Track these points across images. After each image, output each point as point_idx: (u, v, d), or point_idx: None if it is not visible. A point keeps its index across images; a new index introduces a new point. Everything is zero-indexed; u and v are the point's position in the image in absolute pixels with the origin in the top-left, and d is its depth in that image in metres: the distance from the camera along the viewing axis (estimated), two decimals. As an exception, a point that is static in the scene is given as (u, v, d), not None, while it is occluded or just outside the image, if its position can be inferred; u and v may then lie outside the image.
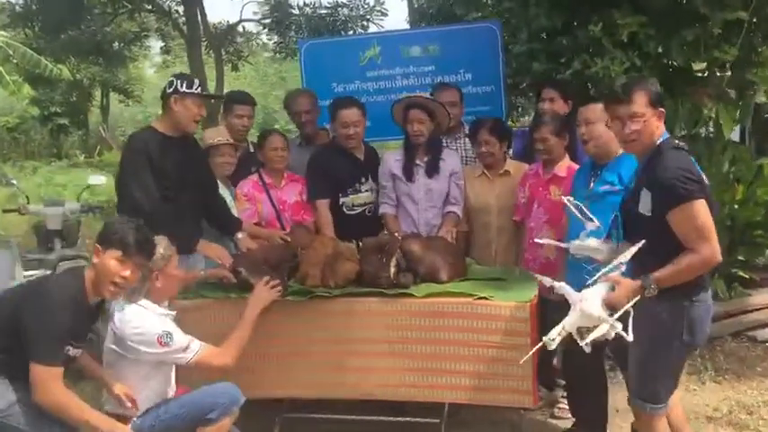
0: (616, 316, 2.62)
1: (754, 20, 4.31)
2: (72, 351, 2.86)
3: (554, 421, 4.01)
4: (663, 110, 2.82)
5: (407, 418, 3.61)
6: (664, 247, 2.68)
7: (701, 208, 2.65)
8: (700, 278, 2.77)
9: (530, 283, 3.55)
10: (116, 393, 3.00)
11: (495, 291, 3.39)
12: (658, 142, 2.79)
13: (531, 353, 2.90)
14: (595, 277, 2.71)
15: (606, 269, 2.70)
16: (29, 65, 14.02)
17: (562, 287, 2.77)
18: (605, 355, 3.85)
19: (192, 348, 3.06)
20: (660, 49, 4.36)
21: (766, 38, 4.57)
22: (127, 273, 2.83)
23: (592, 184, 3.48)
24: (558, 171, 3.86)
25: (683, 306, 2.76)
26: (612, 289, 2.68)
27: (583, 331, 2.64)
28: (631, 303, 2.63)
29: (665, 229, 2.68)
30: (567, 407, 3.94)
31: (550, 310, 3.68)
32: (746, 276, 5.37)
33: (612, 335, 2.62)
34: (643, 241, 2.68)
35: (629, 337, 2.60)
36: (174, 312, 3.20)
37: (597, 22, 4.22)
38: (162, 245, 3.09)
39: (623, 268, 2.68)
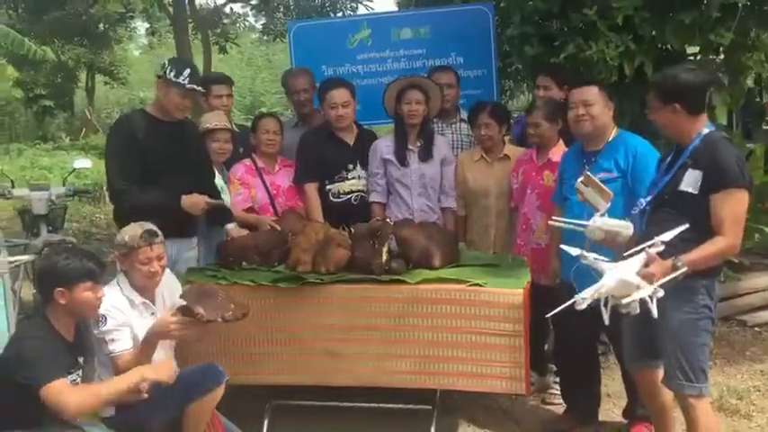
0: (650, 289, 2.65)
1: (748, 3, 4.29)
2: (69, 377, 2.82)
3: (546, 407, 4.00)
4: None
5: (399, 405, 3.60)
6: (700, 226, 2.75)
7: (746, 199, 2.78)
8: None
9: (523, 270, 3.54)
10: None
11: (489, 277, 3.37)
12: (706, 131, 2.88)
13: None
14: (633, 250, 2.75)
15: (645, 245, 2.73)
16: (12, 46, 13.81)
17: (591, 255, 2.80)
18: (598, 342, 3.86)
19: (112, 348, 3.01)
20: (654, 33, 4.33)
21: (760, 22, 4.54)
22: (101, 294, 2.87)
23: (587, 172, 3.44)
24: (552, 156, 3.83)
25: (714, 283, 2.90)
26: (646, 266, 2.71)
27: (610, 298, 2.70)
28: (663, 281, 2.66)
29: (707, 209, 2.77)
30: (558, 392, 3.93)
31: (543, 295, 3.70)
32: (736, 261, 5.37)
33: (637, 309, 2.66)
34: (686, 225, 2.73)
35: (655, 313, 2.66)
36: (139, 299, 3.13)
37: (592, 5, 4.18)
38: (129, 233, 3.08)
39: (662, 247, 2.71)
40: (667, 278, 2.66)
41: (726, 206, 2.74)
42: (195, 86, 3.66)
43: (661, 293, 2.65)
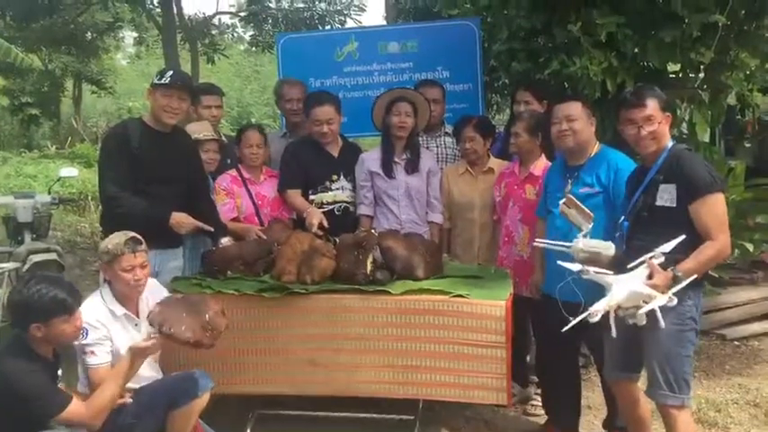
0: (664, 298, 2.71)
1: (728, 23, 4.37)
2: None
3: (527, 418, 4.04)
4: (670, 115, 3.04)
5: (382, 415, 3.63)
6: (686, 237, 2.82)
7: (722, 199, 2.87)
8: None
9: (505, 282, 3.58)
10: None
11: (472, 288, 3.41)
12: (669, 145, 2.99)
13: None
14: (637, 261, 2.82)
15: (647, 255, 2.80)
16: (-1, 54, 13.73)
17: (592, 269, 2.87)
18: (579, 354, 3.90)
19: (90, 361, 3.01)
20: (636, 50, 4.41)
21: (739, 41, 4.63)
22: (79, 322, 2.85)
23: (569, 186, 3.48)
24: (533, 170, 3.88)
25: (700, 295, 2.97)
26: (649, 277, 2.78)
27: (621, 309, 2.77)
28: (674, 290, 2.73)
29: (688, 220, 2.85)
30: (540, 403, 3.97)
31: (525, 307, 3.75)
32: (716, 275, 5.44)
33: (644, 319, 2.72)
34: (683, 236, 2.79)
35: (662, 323, 2.73)
36: (121, 311, 3.14)
37: (576, 22, 4.25)
38: (113, 241, 3.08)
39: (662, 258, 2.79)
40: (676, 288, 2.73)
41: (706, 212, 2.83)
42: (177, 83, 3.67)
43: (675, 302, 2.73)
